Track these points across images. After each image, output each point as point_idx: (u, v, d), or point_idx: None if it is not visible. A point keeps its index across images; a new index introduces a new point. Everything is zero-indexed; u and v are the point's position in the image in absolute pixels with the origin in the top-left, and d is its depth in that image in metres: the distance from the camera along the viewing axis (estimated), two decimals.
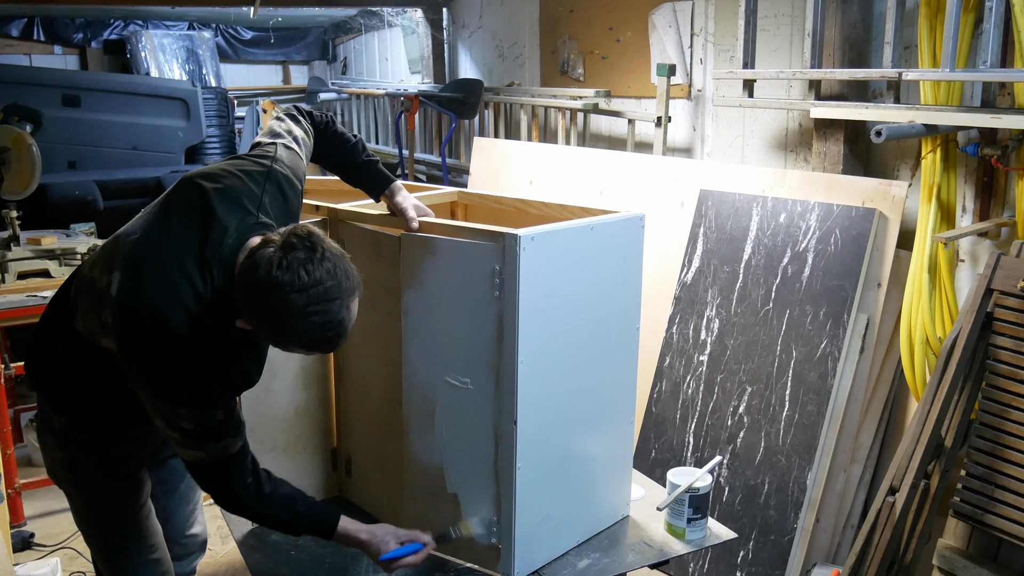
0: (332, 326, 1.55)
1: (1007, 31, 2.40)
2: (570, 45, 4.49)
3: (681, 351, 3.16)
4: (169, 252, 1.63)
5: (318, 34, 8.11)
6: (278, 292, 1.50)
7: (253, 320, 1.59)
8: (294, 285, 1.49)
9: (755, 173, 3.15)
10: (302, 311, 1.51)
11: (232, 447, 1.69)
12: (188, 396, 1.62)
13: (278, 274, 1.49)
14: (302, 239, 1.53)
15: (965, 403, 2.40)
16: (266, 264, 1.51)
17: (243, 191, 1.71)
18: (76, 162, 5.65)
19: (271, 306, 1.52)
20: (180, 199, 1.71)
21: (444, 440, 1.94)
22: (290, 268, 1.49)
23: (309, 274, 1.50)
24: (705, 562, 2.88)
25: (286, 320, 1.52)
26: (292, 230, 1.56)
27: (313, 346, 1.60)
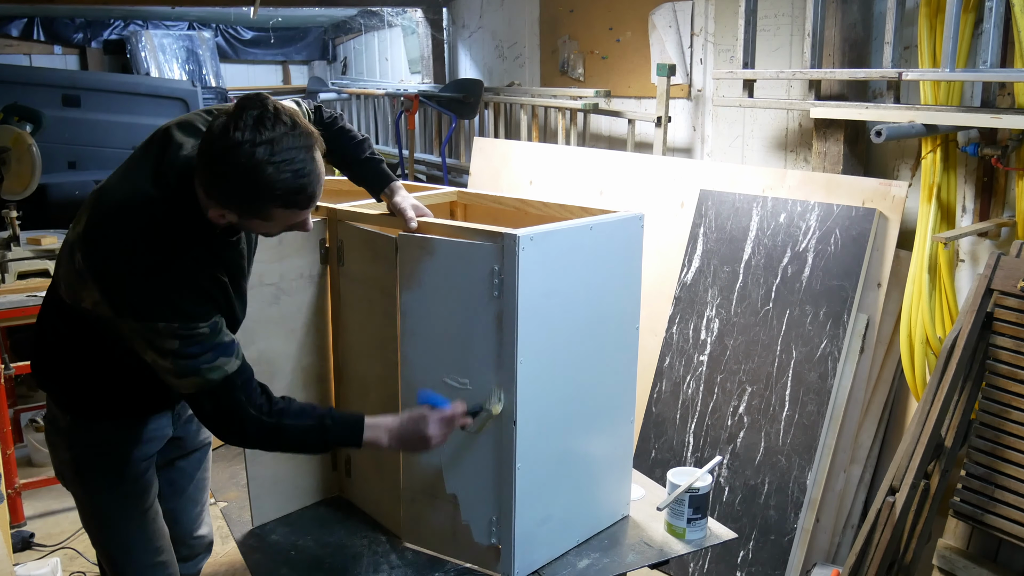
0: (304, 173, 1.53)
1: (1007, 31, 2.40)
2: (570, 45, 4.49)
3: (681, 351, 3.16)
4: (129, 181, 1.65)
5: (318, 34, 8.12)
6: (241, 150, 1.48)
7: (223, 194, 1.55)
8: (255, 141, 1.48)
9: (755, 173, 3.15)
10: (269, 162, 1.49)
11: (229, 366, 1.64)
12: (161, 308, 1.57)
13: (237, 135, 1.48)
14: (251, 100, 1.52)
15: (965, 403, 2.40)
16: (221, 131, 1.49)
17: (201, 120, 1.72)
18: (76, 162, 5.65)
19: (238, 168, 1.49)
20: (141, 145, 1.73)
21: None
22: (247, 127, 1.48)
23: (269, 127, 1.49)
24: (705, 562, 2.88)
25: (257, 177, 1.49)
26: (241, 99, 1.54)
27: (290, 198, 1.55)
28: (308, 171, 1.53)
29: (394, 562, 2.01)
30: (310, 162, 1.54)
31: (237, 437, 1.74)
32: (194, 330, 1.60)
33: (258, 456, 2.15)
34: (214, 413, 1.68)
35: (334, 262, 2.17)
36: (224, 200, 1.57)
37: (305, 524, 2.20)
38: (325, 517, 2.23)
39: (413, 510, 2.03)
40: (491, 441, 1.86)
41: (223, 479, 2.50)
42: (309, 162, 1.54)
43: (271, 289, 2.08)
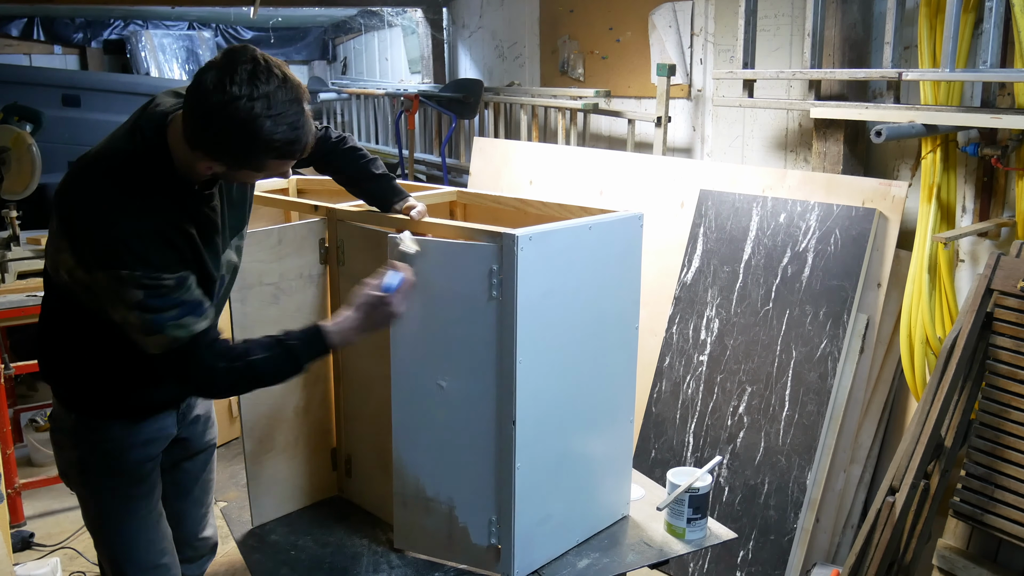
0: (298, 125, 1.56)
1: (1007, 31, 2.40)
2: (570, 45, 4.49)
3: (681, 351, 3.16)
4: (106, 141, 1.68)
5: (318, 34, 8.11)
6: (239, 105, 1.49)
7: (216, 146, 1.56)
8: (252, 95, 1.49)
9: (755, 173, 3.15)
10: (267, 113, 1.51)
11: (196, 326, 1.64)
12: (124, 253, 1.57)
13: (234, 89, 1.49)
14: (241, 52, 1.53)
15: (965, 403, 2.40)
16: (216, 84, 1.50)
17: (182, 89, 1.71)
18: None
19: (235, 121, 1.50)
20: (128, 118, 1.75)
21: (441, 440, 1.94)
22: (244, 81, 1.49)
23: (263, 81, 1.51)
24: (705, 562, 2.88)
25: (257, 129, 1.51)
26: (227, 50, 1.55)
27: (286, 148, 1.57)
28: (302, 123, 1.57)
29: (394, 562, 2.01)
30: (302, 114, 1.57)
31: (211, 391, 1.78)
32: (158, 280, 1.59)
33: (258, 456, 2.15)
34: (184, 371, 1.69)
35: (334, 262, 2.17)
36: (215, 152, 1.58)
37: (305, 524, 2.20)
38: (325, 517, 2.23)
39: (406, 515, 2.02)
40: (491, 441, 1.86)
41: (223, 479, 2.50)
42: (301, 114, 1.57)
43: (271, 289, 2.07)
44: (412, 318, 1.90)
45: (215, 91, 1.50)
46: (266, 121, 1.51)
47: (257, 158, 1.59)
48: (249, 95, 1.49)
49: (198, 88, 1.53)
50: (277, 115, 1.52)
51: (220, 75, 1.50)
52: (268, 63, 1.54)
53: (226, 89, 1.49)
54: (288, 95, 1.54)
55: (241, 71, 1.50)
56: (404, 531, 2.04)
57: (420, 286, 1.88)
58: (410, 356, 1.92)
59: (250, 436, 2.13)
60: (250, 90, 1.50)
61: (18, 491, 3.43)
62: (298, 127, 1.56)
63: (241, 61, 1.51)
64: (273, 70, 1.53)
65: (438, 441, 1.94)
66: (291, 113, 1.54)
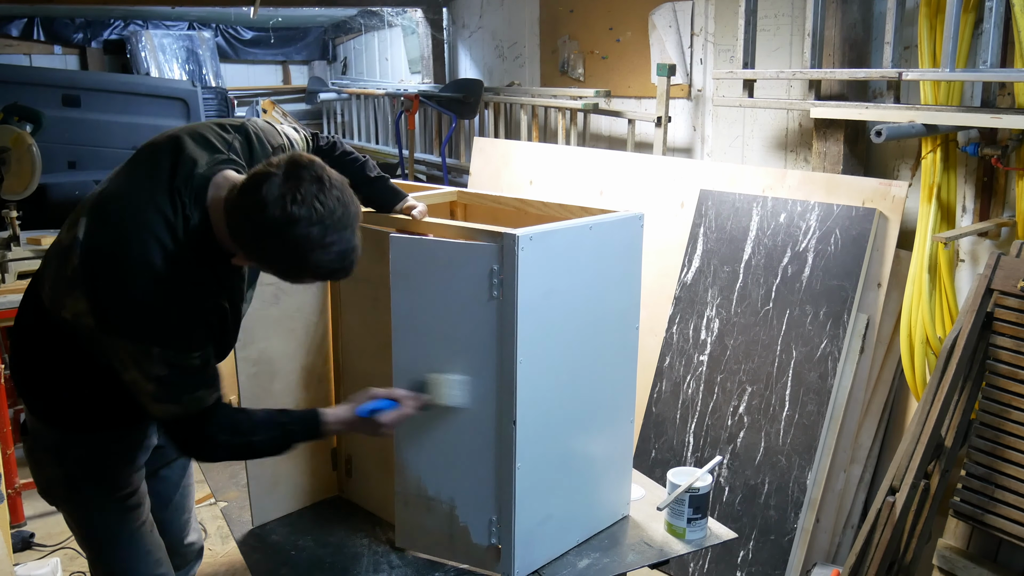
0: (349, 252, 1.54)
1: (1007, 31, 2.40)
2: (570, 45, 4.49)
3: (681, 351, 3.16)
4: (137, 190, 1.59)
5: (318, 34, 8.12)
6: (295, 227, 1.46)
7: (262, 257, 1.54)
8: (311, 219, 1.47)
9: (755, 173, 3.15)
10: (321, 242, 1.48)
11: (208, 399, 1.63)
12: (161, 332, 1.54)
13: (294, 209, 1.45)
14: (307, 168, 1.50)
15: (965, 403, 2.40)
16: (278, 199, 1.46)
17: (211, 135, 1.69)
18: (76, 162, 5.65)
19: (289, 241, 1.48)
20: (148, 150, 1.67)
21: (441, 440, 1.94)
22: (304, 202, 1.46)
23: (323, 205, 1.48)
24: (705, 562, 2.88)
25: (307, 254, 1.49)
26: (292, 160, 1.51)
27: (330, 275, 1.58)
28: (350, 251, 1.55)
29: (394, 562, 2.01)
30: (352, 241, 1.55)
31: (206, 458, 1.79)
32: (187, 360, 1.58)
33: None
34: (186, 439, 1.69)
35: None
36: (258, 259, 1.56)
37: (305, 524, 2.20)
38: (325, 517, 2.23)
39: (407, 514, 2.02)
40: (491, 441, 1.86)
41: (223, 479, 2.50)
42: (352, 241, 1.55)
43: (271, 289, 2.07)
44: (416, 317, 1.90)
45: (275, 204, 1.46)
46: (318, 251, 1.49)
47: (298, 278, 1.60)
48: (308, 219, 1.47)
49: (256, 195, 1.48)
50: (329, 244, 1.50)
51: (282, 190, 1.47)
52: (332, 183, 1.51)
53: (286, 208, 1.46)
54: (344, 222, 1.52)
55: (305, 190, 1.47)
56: (405, 530, 2.04)
57: (420, 286, 1.88)
58: (411, 355, 1.92)
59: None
60: (309, 213, 1.46)
61: (18, 491, 3.43)
62: (346, 256, 1.55)
63: (306, 179, 1.48)
64: (335, 192, 1.51)
65: (439, 441, 1.94)
66: (343, 241, 1.52)
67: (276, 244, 1.50)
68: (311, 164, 1.51)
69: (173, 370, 1.57)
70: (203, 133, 1.68)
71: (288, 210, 1.46)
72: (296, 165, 1.50)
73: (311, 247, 1.49)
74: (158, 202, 1.57)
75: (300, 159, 1.52)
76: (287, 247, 1.49)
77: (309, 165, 1.51)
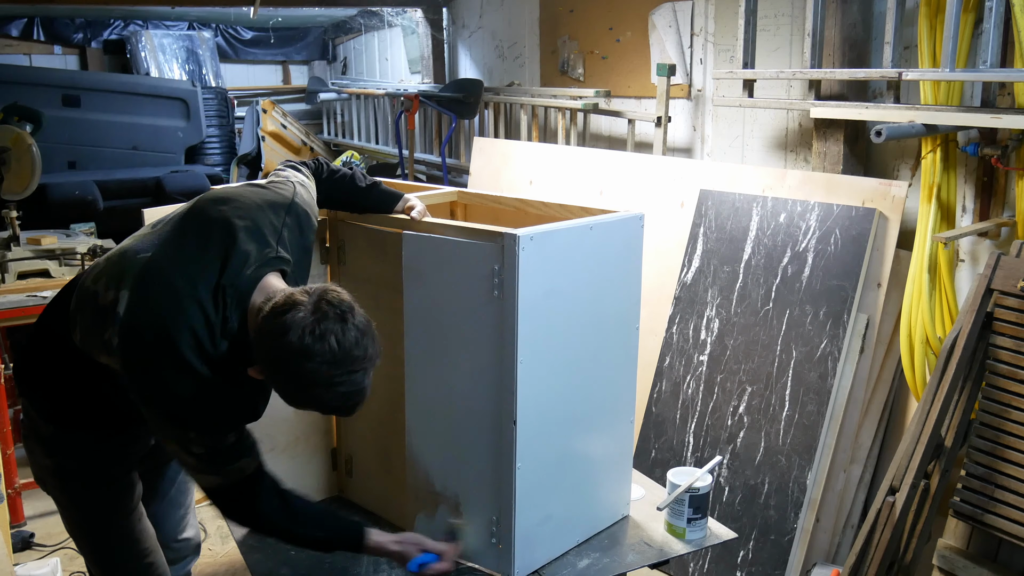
0: (354, 395, 1.57)
1: (1007, 31, 2.40)
2: (570, 45, 4.49)
3: (681, 351, 3.16)
4: (183, 274, 1.61)
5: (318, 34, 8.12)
6: (308, 360, 1.50)
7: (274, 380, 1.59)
8: (324, 356, 1.50)
9: (755, 173, 3.15)
10: (328, 381, 1.52)
11: (249, 467, 1.68)
12: (196, 421, 1.60)
13: (310, 342, 1.49)
14: (334, 306, 1.53)
15: (965, 403, 2.40)
16: (298, 330, 1.49)
17: (264, 222, 1.70)
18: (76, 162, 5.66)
19: (298, 372, 1.52)
20: (198, 222, 1.68)
21: (444, 440, 1.94)
22: (322, 337, 1.49)
23: (340, 344, 1.51)
24: (705, 562, 2.88)
25: (311, 388, 1.53)
26: (323, 294, 1.54)
27: (331, 411, 1.64)
28: (357, 394, 1.58)
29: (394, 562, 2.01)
30: (363, 383, 1.57)
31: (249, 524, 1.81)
32: (223, 441, 1.63)
33: None
34: (226, 504, 1.73)
35: (335, 261, 2.17)
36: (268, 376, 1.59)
37: None
38: None
39: (415, 509, 2.03)
40: (491, 441, 1.86)
41: None
42: (363, 383, 1.57)
43: None
44: (419, 316, 1.90)
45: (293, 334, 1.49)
46: (323, 389, 1.53)
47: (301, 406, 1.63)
48: (322, 356, 1.49)
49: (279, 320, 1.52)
50: (337, 384, 1.53)
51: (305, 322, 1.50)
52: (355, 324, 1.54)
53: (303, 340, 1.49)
54: (358, 364, 1.54)
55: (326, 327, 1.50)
56: (414, 523, 2.04)
57: (429, 283, 1.88)
58: (422, 349, 1.93)
59: None
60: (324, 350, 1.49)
61: (18, 491, 3.43)
62: (350, 398, 1.57)
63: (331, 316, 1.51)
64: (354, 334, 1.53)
65: (442, 440, 1.94)
66: (351, 383, 1.55)
67: (286, 371, 1.54)
68: (339, 301, 1.54)
69: (210, 449, 1.62)
70: (256, 220, 1.69)
71: (304, 342, 1.49)
72: (324, 299, 1.53)
73: (318, 383, 1.52)
74: (202, 297, 1.59)
75: (329, 293, 1.55)
76: (295, 377, 1.53)
77: (337, 302, 1.54)
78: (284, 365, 1.53)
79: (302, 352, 1.49)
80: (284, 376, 1.55)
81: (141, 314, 1.59)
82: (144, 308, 1.59)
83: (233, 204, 1.70)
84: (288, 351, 1.50)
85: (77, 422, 1.81)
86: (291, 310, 1.51)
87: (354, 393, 1.56)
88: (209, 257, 1.62)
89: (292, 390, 1.58)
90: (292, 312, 1.51)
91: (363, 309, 1.61)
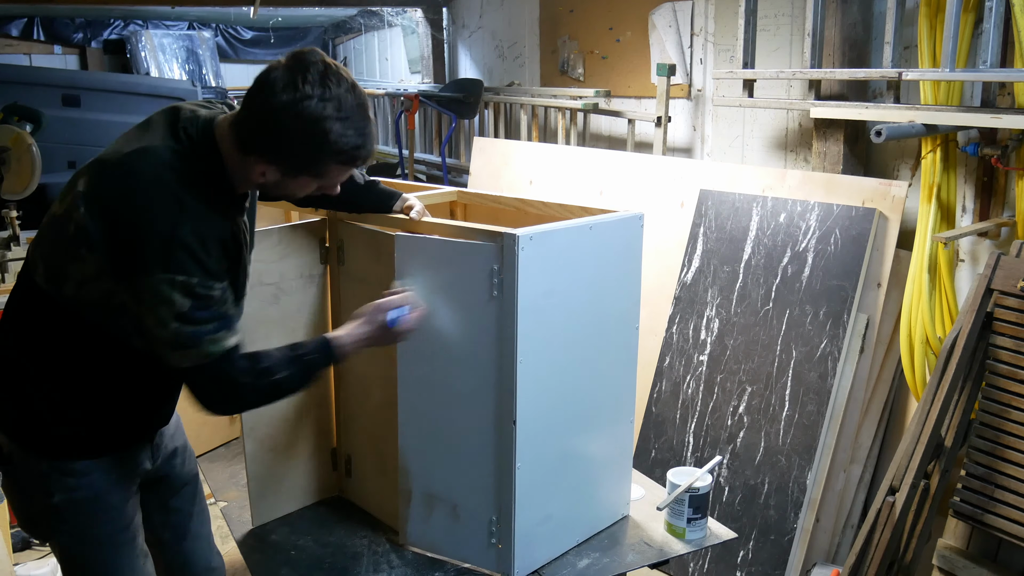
0: (365, 131, 1.53)
1: (1007, 31, 2.40)
2: (570, 45, 4.49)
3: (681, 351, 3.16)
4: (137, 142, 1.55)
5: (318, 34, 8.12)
6: (310, 104, 1.45)
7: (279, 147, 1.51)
8: (324, 96, 1.45)
9: (755, 173, 3.15)
10: (337, 119, 1.47)
11: (229, 341, 1.55)
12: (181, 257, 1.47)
13: (306, 88, 1.44)
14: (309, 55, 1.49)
15: (965, 403, 2.40)
16: (287, 83, 1.45)
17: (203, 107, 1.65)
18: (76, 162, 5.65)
19: (306, 121, 1.46)
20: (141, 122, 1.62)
21: (441, 440, 1.94)
22: (315, 82, 1.45)
23: (334, 83, 1.47)
24: (705, 562, 2.88)
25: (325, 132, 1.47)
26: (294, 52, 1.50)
27: (353, 153, 1.53)
28: (368, 130, 1.54)
29: (394, 562, 2.01)
30: (369, 121, 1.54)
31: (234, 407, 1.73)
32: (210, 289, 1.51)
33: (258, 456, 2.15)
34: (210, 389, 1.59)
35: (334, 261, 2.17)
36: (278, 154, 1.52)
37: (305, 524, 2.20)
38: (325, 517, 2.23)
39: (410, 511, 2.03)
40: (491, 441, 1.86)
41: (223, 479, 2.50)
42: (368, 121, 1.54)
43: (271, 289, 2.07)
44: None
45: (284, 89, 1.45)
46: (336, 123, 1.47)
47: (322, 162, 1.54)
48: (321, 95, 1.45)
49: (264, 86, 1.47)
50: (346, 119, 1.48)
51: (290, 75, 1.46)
52: (337, 67, 1.50)
53: (297, 87, 1.44)
54: (357, 100, 1.51)
55: (312, 71, 1.46)
56: (409, 527, 2.04)
57: (423, 285, 1.88)
58: (415, 354, 1.92)
59: (250, 436, 2.13)
60: (321, 91, 1.45)
61: None
62: (365, 133, 1.53)
63: (311, 62, 1.47)
64: (342, 74, 1.50)
65: (440, 440, 1.94)
66: (359, 118, 1.51)
67: (293, 126, 1.47)
68: (313, 51, 1.51)
69: (196, 302, 1.49)
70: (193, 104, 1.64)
71: (300, 88, 1.44)
72: (298, 53, 1.49)
73: (329, 120, 1.46)
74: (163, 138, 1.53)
75: (301, 51, 1.50)
76: (304, 123, 1.46)
77: (311, 52, 1.50)
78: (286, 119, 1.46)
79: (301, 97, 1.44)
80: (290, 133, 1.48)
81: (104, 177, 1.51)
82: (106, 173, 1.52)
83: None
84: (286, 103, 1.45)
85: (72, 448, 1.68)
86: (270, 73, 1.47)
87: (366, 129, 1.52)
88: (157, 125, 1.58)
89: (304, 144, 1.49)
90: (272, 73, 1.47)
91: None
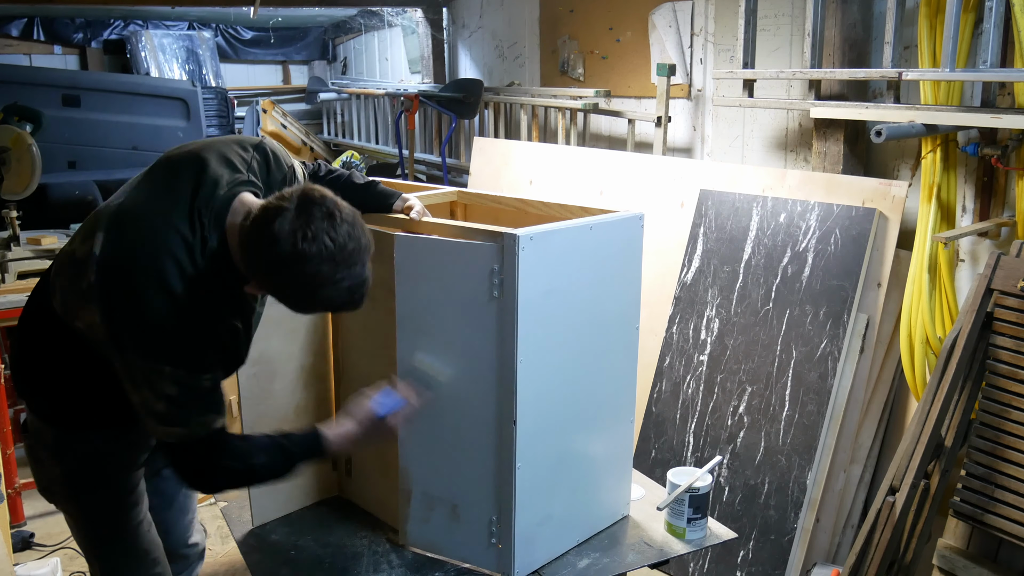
0: (358, 287, 1.56)
1: (1007, 31, 2.40)
2: (570, 45, 4.49)
3: (681, 351, 3.16)
4: (156, 207, 1.60)
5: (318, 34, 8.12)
6: (307, 264, 1.48)
7: (274, 289, 1.57)
8: (322, 256, 1.49)
9: (755, 173, 3.15)
10: (331, 279, 1.51)
11: (215, 423, 1.63)
12: (174, 352, 1.55)
13: (305, 247, 1.47)
14: (318, 204, 1.51)
15: (965, 403, 2.40)
16: (289, 236, 1.48)
17: (232, 153, 1.69)
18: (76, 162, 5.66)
19: (300, 277, 1.50)
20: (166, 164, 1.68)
21: (441, 440, 1.94)
22: (316, 239, 1.48)
23: (334, 241, 1.49)
24: (705, 562, 2.88)
25: (317, 290, 1.52)
26: (304, 194, 1.52)
27: (340, 308, 1.61)
28: (360, 285, 1.57)
29: (394, 562, 2.01)
30: (364, 274, 1.57)
31: (207, 485, 1.77)
32: (198, 382, 1.59)
33: None
34: (189, 465, 1.67)
35: None
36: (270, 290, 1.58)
37: (305, 524, 2.20)
38: (325, 517, 2.23)
39: (408, 512, 2.03)
40: (491, 441, 1.86)
41: None
42: (364, 274, 1.57)
43: None
44: (416, 317, 1.90)
45: (285, 242, 1.48)
46: (328, 287, 1.52)
47: (308, 310, 1.62)
48: (319, 256, 1.48)
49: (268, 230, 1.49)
50: (339, 280, 1.52)
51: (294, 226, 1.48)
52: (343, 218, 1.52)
53: (297, 245, 1.47)
54: (355, 257, 1.53)
55: (316, 227, 1.49)
56: (408, 527, 2.04)
57: (424, 285, 1.88)
58: (411, 354, 1.92)
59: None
60: (320, 250, 1.48)
61: (18, 491, 3.43)
62: (355, 291, 1.56)
63: (317, 215, 1.50)
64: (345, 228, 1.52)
65: (440, 440, 1.94)
66: (352, 276, 1.54)
67: (287, 280, 1.52)
68: (323, 199, 1.53)
69: (183, 390, 1.57)
70: (223, 152, 1.69)
71: (299, 247, 1.48)
72: (308, 200, 1.51)
73: (321, 283, 1.51)
74: (177, 222, 1.58)
75: (312, 193, 1.53)
76: (298, 283, 1.52)
77: (321, 201, 1.52)
78: (282, 275, 1.52)
79: (298, 258, 1.48)
80: (284, 285, 1.54)
81: (118, 248, 1.57)
82: (120, 241, 1.57)
83: (200, 143, 1.72)
84: (284, 260, 1.49)
85: (79, 421, 1.79)
86: (276, 218, 1.50)
87: (358, 285, 1.56)
88: (180, 187, 1.61)
89: (295, 297, 1.57)
90: (278, 219, 1.49)
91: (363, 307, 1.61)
